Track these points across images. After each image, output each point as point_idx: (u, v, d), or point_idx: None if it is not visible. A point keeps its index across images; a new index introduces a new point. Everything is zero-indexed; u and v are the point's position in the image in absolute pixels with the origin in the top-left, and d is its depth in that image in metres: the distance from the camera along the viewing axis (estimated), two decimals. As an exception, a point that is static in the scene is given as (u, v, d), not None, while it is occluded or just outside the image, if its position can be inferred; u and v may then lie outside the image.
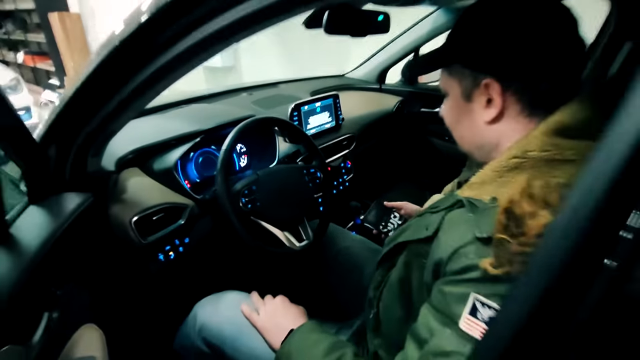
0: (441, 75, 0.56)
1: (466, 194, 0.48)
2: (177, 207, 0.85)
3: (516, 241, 0.37)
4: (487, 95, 0.49)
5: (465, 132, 0.55)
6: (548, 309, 0.28)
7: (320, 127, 1.29)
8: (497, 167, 0.48)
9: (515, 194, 0.40)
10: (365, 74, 1.81)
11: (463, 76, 0.51)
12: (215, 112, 1.12)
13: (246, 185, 0.85)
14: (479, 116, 0.51)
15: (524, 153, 0.46)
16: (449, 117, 0.57)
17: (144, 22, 0.48)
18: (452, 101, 0.55)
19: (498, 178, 0.47)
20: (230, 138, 0.83)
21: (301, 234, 0.94)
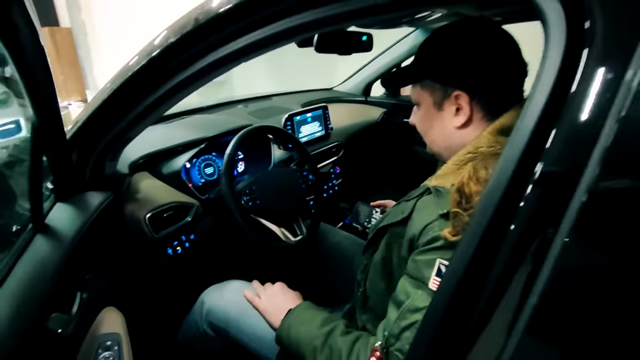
0: (412, 88, 0.66)
1: (433, 183, 0.60)
2: (184, 206, 0.94)
3: (466, 213, 0.48)
4: (456, 104, 0.60)
5: (437, 136, 0.66)
6: (475, 262, 0.39)
7: (311, 136, 1.40)
8: (457, 161, 0.60)
9: (465, 177, 0.51)
10: (352, 87, 1.95)
11: (434, 89, 0.62)
12: (215, 121, 1.23)
13: (247, 185, 0.96)
14: (449, 122, 0.62)
15: (476, 149, 0.58)
16: (422, 124, 0.68)
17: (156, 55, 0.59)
18: (424, 110, 0.66)
19: (457, 170, 0.59)
20: (232, 144, 0.94)
21: (296, 230, 1.04)
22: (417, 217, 0.58)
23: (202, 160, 1.16)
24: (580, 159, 0.32)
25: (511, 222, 0.36)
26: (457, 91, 0.59)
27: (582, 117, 0.33)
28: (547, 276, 0.33)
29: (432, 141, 0.67)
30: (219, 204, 0.97)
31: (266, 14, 0.53)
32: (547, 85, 0.36)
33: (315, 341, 0.65)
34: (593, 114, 0.32)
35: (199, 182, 1.14)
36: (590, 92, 0.32)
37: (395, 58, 1.71)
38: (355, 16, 0.50)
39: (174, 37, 0.58)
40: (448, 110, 0.62)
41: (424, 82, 0.64)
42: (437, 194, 0.57)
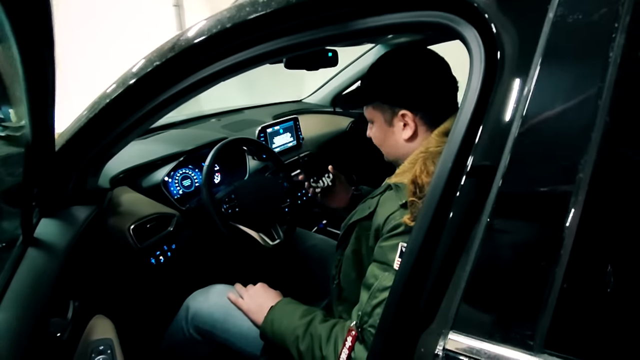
0: (365, 108, 0.77)
1: (392, 180, 0.69)
2: (166, 216, 0.99)
3: (421, 201, 0.57)
4: (403, 121, 0.71)
5: (390, 148, 0.77)
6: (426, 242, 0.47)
7: (284, 146, 1.48)
8: (411, 160, 0.69)
9: (418, 170, 0.61)
10: (321, 99, 2.05)
11: (383, 109, 0.73)
12: (191, 136, 1.28)
13: (226, 194, 1.02)
14: (399, 136, 0.73)
15: (427, 149, 0.68)
16: (376, 138, 0.78)
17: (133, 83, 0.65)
18: (377, 127, 0.76)
19: (411, 168, 0.68)
20: (211, 156, 1.00)
21: (273, 234, 1.11)
22: (381, 210, 0.67)
23: (180, 173, 1.20)
24: (497, 151, 0.41)
25: (451, 207, 0.45)
26: (402, 110, 0.70)
27: (499, 118, 0.42)
28: (476, 251, 0.42)
29: (387, 152, 0.78)
30: (199, 213, 1.02)
31: (247, 39, 0.60)
32: (472, 97, 0.46)
33: (297, 331, 0.72)
34: (506, 115, 0.42)
35: (177, 194, 1.18)
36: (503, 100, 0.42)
37: (359, 71, 1.83)
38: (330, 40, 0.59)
39: (158, 61, 0.64)
40: (397, 125, 0.72)
41: (375, 103, 0.74)
42: (396, 189, 0.66)
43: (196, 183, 1.25)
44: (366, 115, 0.78)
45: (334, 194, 1.08)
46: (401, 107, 0.70)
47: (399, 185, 0.66)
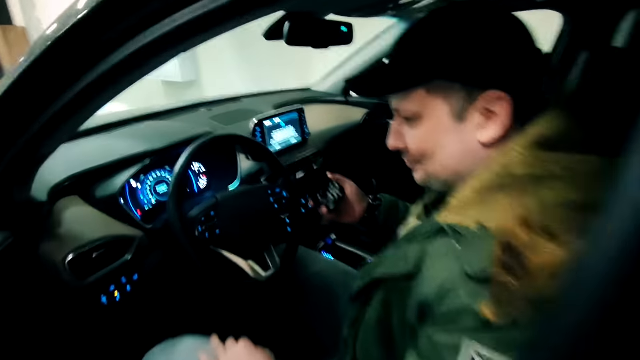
0: (405, 96, 0.48)
1: (448, 219, 0.43)
2: (122, 240, 0.74)
3: (520, 282, 0.31)
4: (485, 112, 0.44)
5: (450, 159, 0.48)
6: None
7: (285, 143, 1.22)
8: (478, 187, 0.43)
9: (507, 220, 0.34)
10: (331, 86, 1.77)
11: (451, 93, 0.45)
12: (168, 130, 1.02)
13: (203, 211, 0.76)
14: (472, 137, 0.45)
15: (507, 171, 0.41)
16: (424, 145, 0.49)
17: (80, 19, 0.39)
18: (429, 126, 0.48)
19: (480, 200, 0.42)
20: (183, 160, 0.74)
21: (267, 261, 0.86)
22: (430, 273, 0.41)
23: (154, 177, 0.95)
24: None
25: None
26: (492, 92, 0.42)
27: None
28: None
29: (442, 166, 0.50)
30: (169, 233, 0.77)
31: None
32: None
33: None
34: None
35: (149, 204, 0.94)
36: None
37: (377, 53, 1.54)
38: None
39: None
40: (472, 120, 0.45)
41: (433, 85, 0.46)
42: (456, 237, 0.40)
43: (175, 189, 1.00)
44: (402, 107, 0.49)
45: (344, 206, 0.83)
46: (490, 87, 0.43)
47: (458, 231, 0.40)
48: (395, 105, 0.51)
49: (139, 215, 0.91)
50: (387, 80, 0.49)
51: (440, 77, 0.45)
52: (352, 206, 0.83)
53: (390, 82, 0.49)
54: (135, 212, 0.90)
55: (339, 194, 0.80)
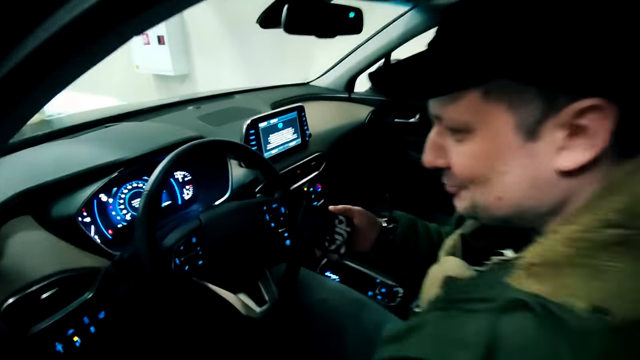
0: (455, 99, 0.33)
1: (533, 287, 0.29)
2: (81, 275, 0.60)
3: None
4: (569, 127, 0.30)
5: (511, 189, 0.34)
6: None
7: (283, 147, 1.07)
8: (578, 239, 0.28)
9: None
10: (332, 81, 1.62)
11: (520, 98, 0.31)
12: (146, 133, 0.88)
13: (182, 238, 0.61)
14: (546, 161, 0.31)
15: (632, 219, 0.27)
16: (475, 166, 0.35)
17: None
18: (486, 141, 0.33)
19: (583, 261, 0.28)
20: (155, 176, 0.60)
21: (262, 292, 0.71)
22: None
23: (129, 189, 0.81)
24: None
25: None
26: (587, 100, 0.28)
27: None
28: None
29: (498, 198, 0.35)
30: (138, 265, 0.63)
31: None
32: None
33: None
34: None
35: (123, 221, 0.79)
36: None
37: (384, 45, 1.40)
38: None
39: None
40: (549, 138, 0.31)
41: (493, 87, 0.31)
42: (552, 321, 0.26)
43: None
44: (447, 115, 0.35)
45: (354, 239, 0.69)
46: (583, 92, 0.28)
47: (556, 314, 0.26)
48: (436, 110, 0.37)
49: (109, 235, 0.77)
50: (426, 76, 0.35)
51: (506, 76, 0.30)
52: (364, 235, 0.69)
53: (431, 80, 0.34)
54: (105, 232, 0.76)
55: (347, 230, 0.66)
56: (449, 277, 0.44)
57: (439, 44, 0.36)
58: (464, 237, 0.50)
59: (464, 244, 0.50)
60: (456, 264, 0.46)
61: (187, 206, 0.92)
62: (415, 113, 1.52)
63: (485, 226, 0.48)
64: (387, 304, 0.99)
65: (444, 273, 0.45)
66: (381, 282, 1.03)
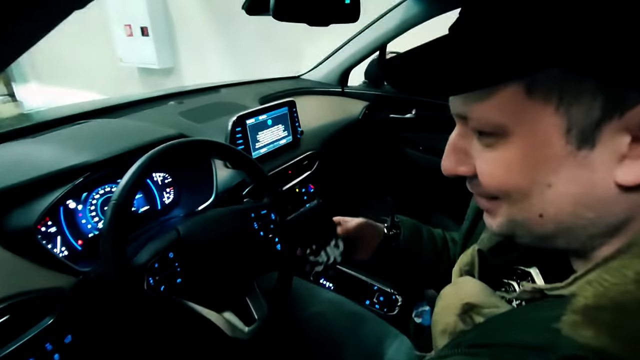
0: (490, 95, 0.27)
1: (596, 340, 0.22)
2: (39, 298, 0.52)
3: None
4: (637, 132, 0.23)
5: (558, 205, 0.27)
6: None
7: (273, 145, 0.99)
8: None
9: None
10: (325, 75, 1.54)
11: (579, 96, 0.24)
12: (119, 131, 0.79)
13: (156, 254, 0.53)
14: (603, 173, 0.25)
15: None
16: (515, 178, 0.28)
17: None
18: (525, 147, 0.27)
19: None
20: (125, 182, 0.52)
21: (250, 310, 0.64)
22: None
23: (101, 193, 0.73)
24: None
25: None
26: None
27: None
28: None
29: (541, 215, 0.29)
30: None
31: None
32: None
33: None
34: None
35: (94, 229, 0.71)
36: None
37: (380, 36, 1.32)
38: None
39: None
40: (609, 145, 0.24)
41: (541, 80, 0.25)
42: None
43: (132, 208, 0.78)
44: (476, 115, 0.29)
45: (352, 248, 0.62)
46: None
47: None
48: (460, 108, 0.30)
49: (79, 245, 0.69)
50: (453, 67, 0.27)
51: (557, 64, 0.24)
52: (365, 245, 0.63)
53: (460, 72, 0.27)
54: (73, 243, 0.68)
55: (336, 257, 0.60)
56: (468, 305, 0.38)
57: (466, 27, 0.28)
58: (482, 254, 0.43)
59: (482, 260, 0.44)
60: (476, 288, 0.39)
61: (167, 211, 0.84)
62: (412, 108, 1.46)
63: (508, 241, 0.41)
64: (386, 314, 0.93)
65: (461, 298, 0.39)
66: (379, 289, 0.97)
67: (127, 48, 3.18)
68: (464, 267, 0.46)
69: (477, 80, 0.26)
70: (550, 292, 0.30)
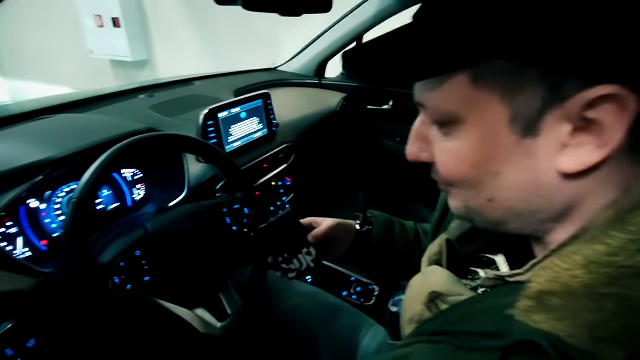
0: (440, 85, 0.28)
1: (547, 324, 0.23)
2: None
3: None
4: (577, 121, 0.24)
5: (506, 192, 0.29)
6: None
7: (247, 138, 0.98)
8: (606, 263, 0.23)
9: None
10: (302, 66, 1.53)
11: (522, 86, 0.25)
12: (84, 126, 0.76)
13: (121, 252, 0.52)
14: (547, 162, 0.26)
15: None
16: (463, 166, 0.29)
17: None
18: (475, 136, 0.28)
19: (612, 291, 0.22)
20: (86, 180, 0.50)
21: (223, 305, 0.64)
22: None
23: (65, 191, 0.70)
24: None
25: None
26: (601, 87, 0.22)
27: None
28: None
29: (492, 201, 0.30)
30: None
31: None
32: None
33: None
34: None
35: (59, 229, 0.69)
36: None
37: (357, 27, 1.31)
38: None
39: None
40: (552, 133, 0.25)
41: (484, 70, 0.25)
42: None
43: (101, 205, 0.75)
44: (431, 103, 0.30)
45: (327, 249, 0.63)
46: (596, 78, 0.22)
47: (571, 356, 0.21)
48: (419, 97, 0.31)
49: (44, 246, 0.66)
50: (404, 56, 0.27)
51: (499, 55, 0.24)
52: (337, 244, 0.63)
53: (410, 61, 0.27)
54: (37, 244, 0.66)
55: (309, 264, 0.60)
56: (435, 293, 0.38)
57: (421, 18, 0.29)
58: (450, 243, 0.44)
59: (450, 250, 0.44)
60: (443, 277, 0.40)
61: (138, 208, 0.82)
62: (389, 99, 1.46)
63: (475, 230, 0.42)
64: (363, 304, 0.94)
65: (429, 287, 0.39)
66: (356, 280, 0.98)
67: (98, 40, 3.06)
68: (433, 256, 0.46)
69: (427, 70, 0.27)
70: (511, 279, 0.31)
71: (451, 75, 0.27)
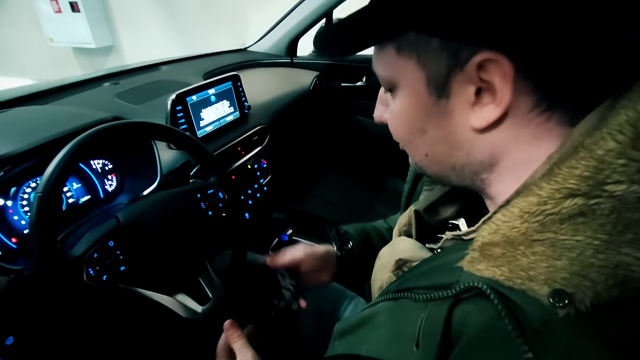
0: (378, 56, 0.33)
1: (488, 271, 0.25)
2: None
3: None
4: (477, 83, 0.27)
5: (434, 147, 0.33)
6: None
7: (219, 122, 0.96)
8: (537, 212, 0.25)
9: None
10: (272, 46, 1.50)
11: (430, 53, 0.28)
12: (45, 119, 0.73)
13: (94, 244, 0.51)
14: (461, 119, 0.30)
15: (595, 186, 0.23)
16: (399, 124, 0.34)
17: None
18: (405, 98, 0.32)
19: (541, 237, 0.24)
20: (50, 173, 0.48)
21: (204, 289, 0.64)
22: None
23: (32, 187, 0.68)
24: None
25: None
26: (485, 53, 0.26)
27: None
28: None
29: (427, 155, 0.34)
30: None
31: None
32: None
33: None
34: None
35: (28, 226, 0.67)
36: None
37: (325, 2, 1.29)
38: None
39: None
40: (459, 95, 0.29)
41: (403, 41, 0.30)
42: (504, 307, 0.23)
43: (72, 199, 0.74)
44: (379, 73, 0.34)
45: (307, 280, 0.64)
46: (480, 47, 0.26)
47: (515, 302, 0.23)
48: (373, 67, 0.35)
49: (14, 243, 0.65)
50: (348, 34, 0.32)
51: (411, 27, 0.28)
52: (319, 274, 0.64)
53: (350, 35, 0.32)
54: (6, 242, 0.64)
55: (292, 284, 0.60)
56: (401, 260, 0.40)
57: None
58: (418, 213, 0.46)
59: (418, 220, 0.46)
60: (408, 245, 0.42)
61: (111, 199, 0.81)
62: (362, 76, 1.46)
63: (440, 200, 0.44)
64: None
65: (395, 256, 0.41)
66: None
67: (57, 26, 2.90)
68: (403, 227, 0.48)
69: (361, 42, 0.31)
70: (466, 237, 0.33)
71: (383, 46, 0.32)
